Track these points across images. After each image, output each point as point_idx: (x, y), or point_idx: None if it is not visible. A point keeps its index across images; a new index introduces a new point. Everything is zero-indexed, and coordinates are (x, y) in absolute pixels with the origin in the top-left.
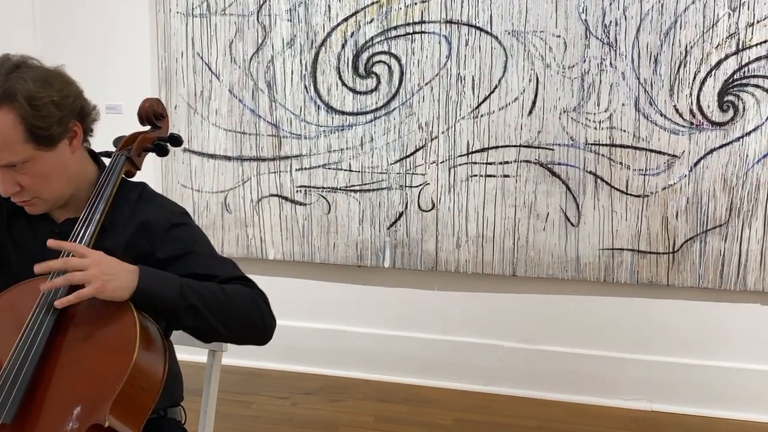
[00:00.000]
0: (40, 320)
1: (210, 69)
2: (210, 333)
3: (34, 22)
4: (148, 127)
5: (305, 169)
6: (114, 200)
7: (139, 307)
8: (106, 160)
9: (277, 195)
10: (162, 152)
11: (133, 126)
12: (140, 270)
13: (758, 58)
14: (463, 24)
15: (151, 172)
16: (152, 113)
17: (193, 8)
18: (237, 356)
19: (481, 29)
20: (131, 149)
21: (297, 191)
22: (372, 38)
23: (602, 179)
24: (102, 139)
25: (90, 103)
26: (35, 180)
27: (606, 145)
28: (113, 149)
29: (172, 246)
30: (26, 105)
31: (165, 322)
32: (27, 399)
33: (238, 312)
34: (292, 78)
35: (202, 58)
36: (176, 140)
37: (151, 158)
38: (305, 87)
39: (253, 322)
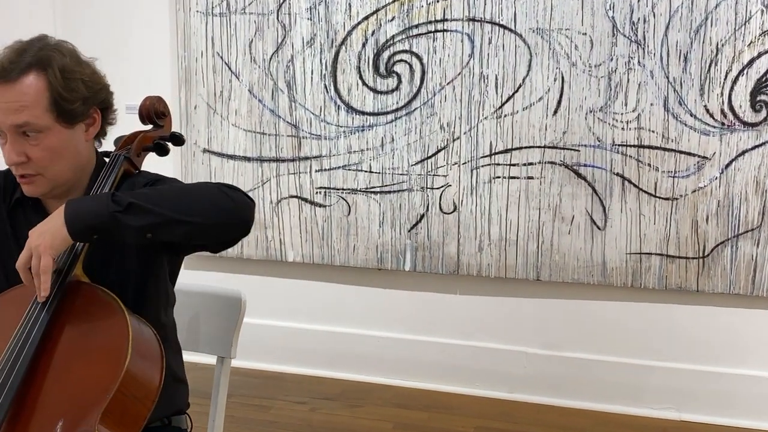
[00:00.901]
0: (33, 319)
1: (230, 69)
2: (173, 227)
3: (54, 22)
4: (149, 126)
5: (325, 170)
6: None
7: (82, 237)
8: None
9: (296, 196)
10: (162, 152)
11: None
12: (67, 202)
13: None
14: (487, 22)
15: (170, 172)
16: (153, 111)
17: (212, 7)
18: (255, 359)
19: (504, 27)
20: (130, 149)
21: (317, 193)
22: (393, 37)
23: (630, 181)
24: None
25: (114, 103)
26: (45, 154)
27: (634, 146)
28: (111, 150)
29: None
30: (58, 74)
31: (123, 239)
32: (16, 404)
33: (192, 196)
34: (312, 78)
35: (221, 57)
36: (177, 139)
37: (170, 158)
38: (325, 87)
39: (216, 201)
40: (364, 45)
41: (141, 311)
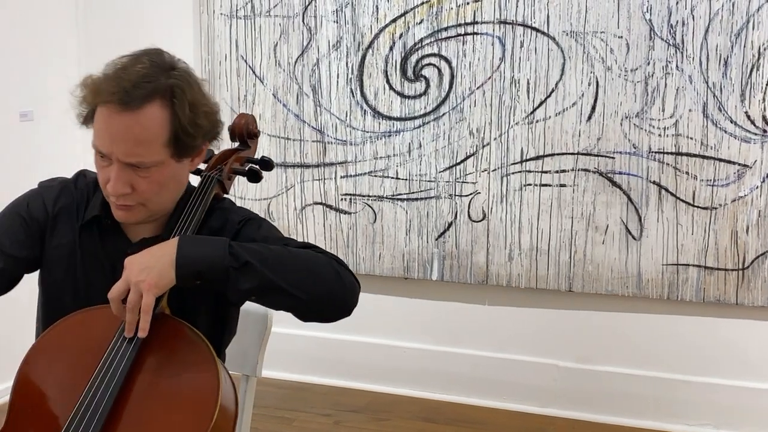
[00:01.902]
0: (121, 354)
1: (254, 72)
2: (279, 296)
3: (77, 24)
4: (236, 144)
5: (350, 176)
6: (202, 224)
7: (189, 280)
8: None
9: (321, 203)
10: (254, 178)
11: None
12: (180, 239)
13: None
14: (518, 24)
15: (194, 178)
16: (246, 131)
17: (237, 10)
18: (278, 369)
19: (537, 30)
20: (222, 170)
21: (342, 199)
22: (421, 40)
23: (667, 190)
24: None
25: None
26: (151, 187)
27: (671, 153)
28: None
29: (242, 241)
30: (187, 109)
31: (226, 294)
32: None
33: (305, 267)
34: (337, 81)
35: (245, 61)
36: (268, 164)
37: None
38: (351, 91)
39: (327, 279)
40: (391, 48)
41: (214, 347)
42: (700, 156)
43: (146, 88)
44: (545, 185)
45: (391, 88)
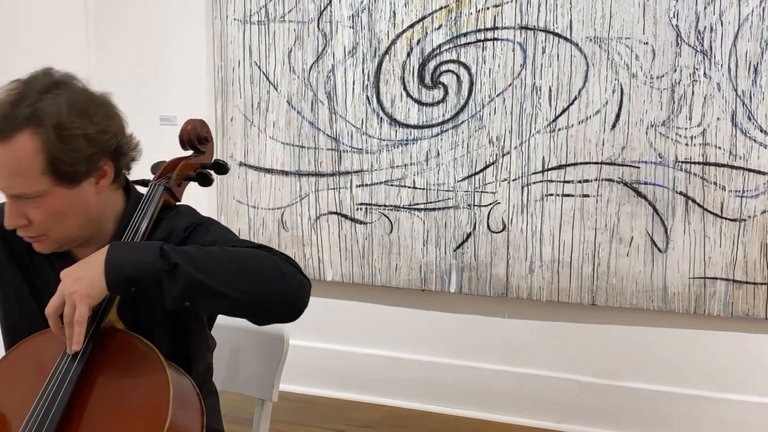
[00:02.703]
0: (64, 372)
1: (268, 79)
2: (214, 299)
3: (87, 32)
4: (189, 152)
5: (366, 185)
6: (148, 236)
7: (120, 289)
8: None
9: (336, 213)
10: (205, 182)
11: None
12: (110, 245)
13: None
14: (540, 30)
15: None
16: (195, 137)
17: (250, 15)
18: (290, 382)
19: (559, 36)
20: (171, 178)
21: (357, 209)
22: (440, 46)
23: (694, 201)
24: (158, 153)
25: (133, 140)
26: (46, 217)
27: (698, 163)
28: (148, 177)
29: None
30: (52, 134)
31: (163, 300)
32: None
33: (242, 267)
34: (353, 88)
35: (259, 67)
36: (221, 167)
37: None
38: (367, 98)
39: (267, 278)
40: (408, 54)
41: (179, 360)
42: (728, 166)
43: (14, 116)
44: (567, 195)
45: (408, 95)
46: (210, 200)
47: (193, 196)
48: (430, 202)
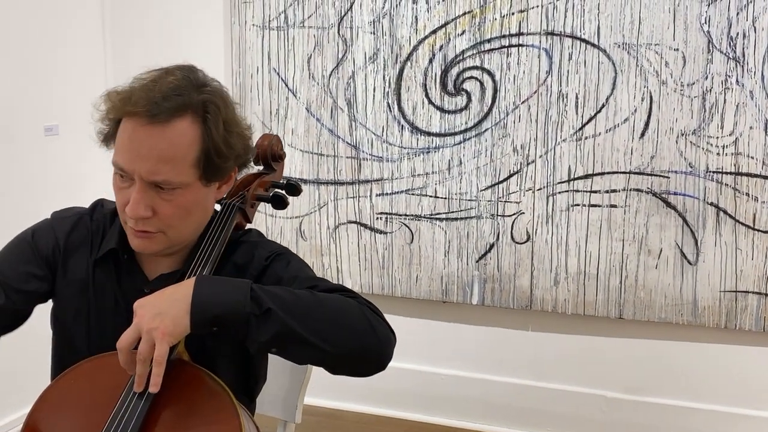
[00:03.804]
0: (131, 410)
1: (287, 85)
2: (302, 348)
3: (104, 36)
4: (260, 168)
5: (386, 194)
6: (224, 259)
7: (205, 327)
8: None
9: (355, 222)
10: (280, 204)
11: None
12: (197, 280)
13: None
14: (567, 36)
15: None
16: (270, 154)
17: (269, 20)
18: (310, 395)
19: (586, 42)
20: (245, 197)
21: (377, 218)
22: (463, 52)
23: (725, 212)
24: None
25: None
26: (175, 212)
27: (730, 173)
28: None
29: (267, 281)
30: (221, 127)
31: (246, 343)
32: None
33: (335, 317)
34: (374, 95)
35: (278, 73)
36: (294, 189)
37: None
38: (388, 105)
39: (358, 331)
40: (431, 61)
41: (239, 394)
42: (761, 176)
43: (177, 101)
44: (594, 206)
45: (430, 102)
46: None
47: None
48: (452, 212)
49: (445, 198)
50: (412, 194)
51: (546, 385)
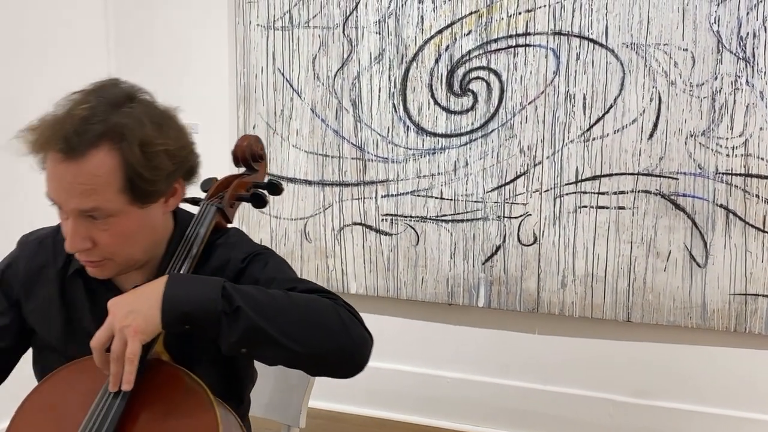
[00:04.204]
0: (106, 409)
1: (291, 86)
2: (271, 349)
3: (107, 39)
4: (242, 170)
5: (392, 195)
6: (198, 260)
7: (176, 325)
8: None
9: (360, 223)
10: (260, 203)
11: (210, 144)
12: (169, 277)
13: None
14: (574, 36)
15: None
16: (250, 154)
17: (274, 20)
18: (313, 397)
19: (594, 41)
20: (223, 197)
21: (382, 220)
22: (469, 52)
23: (735, 214)
24: None
25: (199, 157)
26: (114, 240)
27: (740, 174)
28: (196, 196)
29: (244, 284)
30: (137, 149)
31: (219, 342)
32: None
33: (306, 317)
34: (379, 96)
35: (283, 74)
36: (275, 188)
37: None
38: (393, 106)
39: (331, 331)
40: (437, 61)
41: (225, 395)
42: None
43: (89, 132)
44: (602, 207)
45: (436, 102)
46: None
47: None
48: (458, 214)
49: (451, 199)
50: (418, 196)
51: (553, 388)
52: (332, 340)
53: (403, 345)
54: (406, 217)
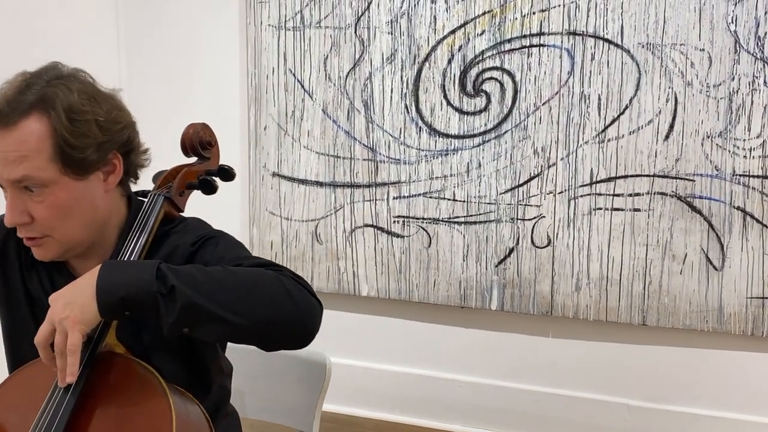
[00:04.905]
0: (56, 406)
1: (303, 87)
2: (214, 325)
3: (118, 39)
4: (193, 159)
5: (404, 197)
6: (149, 250)
7: (114, 313)
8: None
9: (372, 225)
10: (209, 189)
11: (220, 145)
12: (102, 265)
13: None
14: (589, 36)
15: (237, 197)
16: (198, 142)
17: (285, 21)
18: (326, 401)
19: (609, 42)
20: (171, 187)
21: (394, 222)
22: (482, 52)
23: (752, 216)
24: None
25: (142, 143)
26: (50, 212)
27: (758, 176)
28: (149, 189)
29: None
30: (63, 116)
31: (161, 325)
32: None
33: (246, 289)
34: (391, 97)
35: (294, 74)
36: (226, 173)
37: (237, 183)
38: (406, 107)
39: (276, 302)
40: (449, 61)
41: (190, 385)
42: None
43: (20, 101)
44: (617, 209)
45: (448, 103)
46: (243, 212)
47: (226, 205)
48: (471, 215)
49: (464, 201)
50: (430, 197)
51: (567, 392)
52: (277, 309)
53: (415, 348)
54: (418, 218)
